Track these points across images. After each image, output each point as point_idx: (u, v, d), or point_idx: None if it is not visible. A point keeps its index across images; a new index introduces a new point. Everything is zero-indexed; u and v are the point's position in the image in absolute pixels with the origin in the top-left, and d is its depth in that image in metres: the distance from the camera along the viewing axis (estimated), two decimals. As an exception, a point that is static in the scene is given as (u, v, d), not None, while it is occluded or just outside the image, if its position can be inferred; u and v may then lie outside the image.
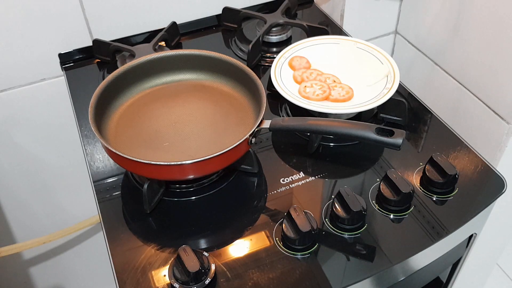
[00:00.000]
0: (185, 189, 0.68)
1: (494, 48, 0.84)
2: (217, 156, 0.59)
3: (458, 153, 0.72)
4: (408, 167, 0.70)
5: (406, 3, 1.05)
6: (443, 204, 0.65)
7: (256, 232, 0.62)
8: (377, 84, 0.77)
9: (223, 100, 0.75)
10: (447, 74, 0.98)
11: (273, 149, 0.74)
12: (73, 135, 1.01)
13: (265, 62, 0.91)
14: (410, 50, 1.08)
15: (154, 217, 0.65)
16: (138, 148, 0.67)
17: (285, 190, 0.67)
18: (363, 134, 0.60)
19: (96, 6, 0.89)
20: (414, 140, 0.75)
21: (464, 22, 0.89)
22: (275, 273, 0.57)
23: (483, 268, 1.19)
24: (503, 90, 0.84)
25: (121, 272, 0.58)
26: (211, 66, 0.77)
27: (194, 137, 0.69)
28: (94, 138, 0.77)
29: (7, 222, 1.11)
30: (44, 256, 1.23)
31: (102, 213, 0.66)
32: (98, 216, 0.66)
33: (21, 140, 0.99)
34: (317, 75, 0.80)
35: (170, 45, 0.94)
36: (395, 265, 0.60)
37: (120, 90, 0.74)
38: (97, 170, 0.72)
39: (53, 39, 0.89)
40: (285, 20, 0.95)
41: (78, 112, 0.81)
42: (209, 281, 0.55)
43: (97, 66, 0.92)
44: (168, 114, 0.73)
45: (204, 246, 0.61)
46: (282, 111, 0.80)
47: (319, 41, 0.85)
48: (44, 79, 0.93)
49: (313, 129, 0.63)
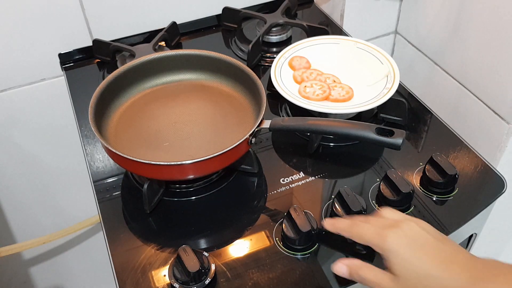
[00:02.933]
0: (185, 189, 0.68)
1: (494, 48, 0.84)
2: (217, 156, 0.59)
3: (458, 153, 0.72)
4: (408, 167, 0.70)
5: (406, 3, 1.05)
6: (443, 204, 0.65)
7: (256, 232, 0.62)
8: (377, 84, 0.77)
9: (223, 100, 0.75)
10: (447, 74, 0.97)
11: (273, 149, 0.74)
12: (73, 135, 1.01)
13: (265, 62, 0.91)
14: (410, 50, 1.08)
15: (154, 217, 0.65)
16: (138, 148, 0.67)
17: (285, 190, 0.67)
18: (363, 134, 0.60)
19: (96, 6, 0.89)
20: (414, 140, 0.75)
21: (464, 22, 0.89)
22: (275, 273, 0.57)
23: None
24: (503, 90, 0.84)
25: (121, 272, 0.58)
26: (211, 66, 0.77)
27: (194, 137, 0.69)
28: (94, 138, 0.77)
29: (7, 222, 1.11)
30: (44, 256, 1.23)
31: (102, 213, 0.66)
32: (98, 216, 0.66)
33: (21, 140, 0.99)
34: (317, 75, 0.80)
35: (170, 45, 0.94)
36: (395, 265, 0.59)
37: (120, 90, 0.74)
38: (97, 170, 0.72)
39: (53, 39, 0.89)
40: (285, 20, 0.95)
41: (78, 112, 0.81)
42: (209, 281, 0.55)
43: (97, 66, 0.92)
44: (168, 114, 0.73)
45: (204, 246, 0.61)
46: (282, 111, 0.80)
47: (319, 41, 0.85)
48: (44, 79, 0.93)
49: (313, 129, 0.63)
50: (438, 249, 0.48)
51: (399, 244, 0.48)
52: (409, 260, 0.47)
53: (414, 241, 0.48)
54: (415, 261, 0.47)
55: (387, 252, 0.48)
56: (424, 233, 0.49)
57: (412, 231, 0.49)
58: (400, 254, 0.48)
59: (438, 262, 0.47)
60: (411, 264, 0.47)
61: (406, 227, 0.49)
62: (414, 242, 0.48)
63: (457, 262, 0.47)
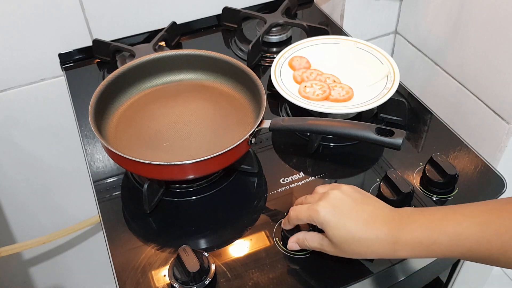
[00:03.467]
0: (185, 189, 0.68)
1: (494, 48, 0.84)
2: (217, 156, 0.59)
3: (458, 153, 0.72)
4: (408, 167, 0.70)
5: (406, 3, 1.05)
6: (443, 204, 0.65)
7: (256, 232, 0.62)
8: (377, 84, 0.77)
9: (223, 100, 0.75)
10: (447, 74, 0.98)
11: (273, 149, 0.74)
12: (73, 135, 1.01)
13: (265, 62, 0.91)
14: (410, 50, 1.08)
15: (154, 217, 0.65)
16: (138, 148, 0.67)
17: (285, 190, 0.67)
18: (363, 134, 0.60)
19: (96, 6, 0.89)
20: (414, 140, 0.75)
21: (464, 22, 0.89)
22: (275, 273, 0.57)
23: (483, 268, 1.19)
24: (503, 90, 0.84)
25: (121, 272, 0.58)
26: (211, 66, 0.77)
27: (194, 137, 0.69)
28: (94, 138, 0.77)
29: (7, 222, 1.11)
30: (44, 256, 1.23)
31: (102, 213, 0.66)
32: (98, 216, 0.66)
33: (21, 140, 0.99)
34: (317, 75, 0.80)
35: (170, 45, 0.94)
36: (395, 265, 0.60)
37: (120, 90, 0.74)
38: (97, 170, 0.72)
39: (53, 39, 0.89)
40: (285, 20, 0.95)
41: (78, 112, 0.81)
42: (209, 281, 0.55)
43: (97, 66, 0.92)
44: (168, 114, 0.73)
45: (204, 246, 0.61)
46: (282, 111, 0.80)
47: (319, 41, 0.85)
48: (44, 79, 0.93)
49: (313, 129, 0.63)
50: (359, 211, 0.52)
51: (327, 213, 0.52)
52: (336, 228, 0.51)
53: (337, 208, 0.52)
54: (341, 227, 0.51)
55: (321, 224, 0.52)
56: (346, 198, 0.53)
57: (336, 199, 0.52)
58: (330, 223, 0.51)
59: (360, 224, 0.51)
60: (339, 231, 0.51)
61: (331, 196, 0.53)
62: (338, 209, 0.52)
63: (377, 220, 0.51)
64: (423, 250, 0.49)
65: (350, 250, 0.51)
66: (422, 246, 0.49)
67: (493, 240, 0.46)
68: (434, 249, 0.48)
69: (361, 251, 0.51)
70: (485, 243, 0.46)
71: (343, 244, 0.51)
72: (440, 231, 0.48)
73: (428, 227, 0.49)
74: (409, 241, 0.49)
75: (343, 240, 0.51)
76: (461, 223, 0.47)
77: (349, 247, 0.51)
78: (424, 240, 0.48)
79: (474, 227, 0.47)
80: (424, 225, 0.49)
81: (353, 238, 0.50)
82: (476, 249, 0.47)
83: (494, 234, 0.46)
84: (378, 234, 0.50)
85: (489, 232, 0.46)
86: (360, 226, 0.50)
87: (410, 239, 0.49)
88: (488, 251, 0.46)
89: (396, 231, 0.49)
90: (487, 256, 0.47)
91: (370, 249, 0.50)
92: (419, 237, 0.48)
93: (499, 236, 0.45)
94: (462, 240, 0.47)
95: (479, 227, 0.47)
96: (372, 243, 0.50)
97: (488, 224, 0.46)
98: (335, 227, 0.51)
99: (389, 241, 0.49)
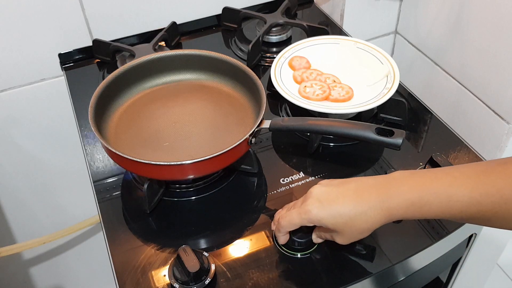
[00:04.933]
0: (185, 189, 0.68)
1: (494, 48, 0.84)
2: (217, 156, 0.59)
3: (458, 153, 0.72)
4: (408, 167, 0.70)
5: (406, 3, 1.05)
6: (443, 204, 0.65)
7: (256, 232, 0.62)
8: (377, 84, 0.77)
9: (223, 100, 0.75)
10: (447, 74, 0.98)
11: (273, 149, 0.74)
12: (73, 135, 1.01)
13: (265, 62, 0.91)
14: (410, 50, 1.08)
15: (154, 217, 0.65)
16: (138, 148, 0.67)
17: (285, 190, 0.67)
18: (363, 134, 0.60)
19: (96, 6, 0.89)
20: (414, 140, 0.75)
21: (464, 22, 0.89)
22: (275, 273, 0.57)
23: (483, 268, 1.19)
24: (503, 90, 0.84)
25: (121, 272, 0.58)
26: (211, 66, 0.77)
27: (194, 137, 0.69)
28: (94, 138, 0.77)
29: (7, 222, 1.11)
30: (44, 256, 1.23)
31: (102, 213, 0.66)
32: (98, 216, 0.66)
33: (21, 140, 0.99)
34: (317, 75, 0.80)
35: (170, 45, 0.94)
36: (395, 265, 0.60)
37: (120, 90, 0.74)
38: (97, 170, 0.72)
39: (53, 39, 0.89)
40: (285, 20, 0.95)
41: (78, 112, 0.81)
42: (209, 281, 0.55)
43: (97, 66, 0.92)
44: (168, 114, 0.73)
45: (204, 246, 0.61)
46: (282, 111, 0.80)
47: (319, 41, 0.85)
48: (44, 79, 0.93)
49: (313, 129, 0.63)
50: (344, 192, 0.52)
51: (318, 209, 0.52)
52: (332, 217, 0.52)
53: (324, 200, 0.53)
54: (336, 215, 0.51)
55: (318, 222, 0.53)
56: (327, 188, 0.54)
57: (319, 193, 0.53)
58: (324, 216, 0.52)
59: (350, 203, 0.51)
60: (335, 219, 0.52)
61: (314, 193, 0.54)
62: (325, 200, 0.52)
63: (364, 192, 0.52)
64: (416, 212, 0.49)
65: (354, 232, 0.52)
66: (414, 208, 0.49)
67: (484, 201, 0.46)
68: (426, 210, 0.49)
69: (364, 227, 0.51)
70: (476, 204, 0.47)
71: (345, 229, 0.52)
72: (431, 192, 0.49)
73: (418, 189, 0.49)
74: (401, 204, 0.49)
75: (343, 226, 0.52)
76: (452, 185, 0.48)
77: (351, 229, 0.52)
78: (416, 201, 0.49)
79: (465, 188, 0.47)
80: (414, 187, 0.49)
81: (350, 219, 0.51)
82: (467, 210, 0.47)
83: (485, 195, 0.46)
84: (370, 204, 0.50)
85: (479, 193, 0.46)
86: (351, 205, 0.51)
87: (402, 201, 0.49)
88: (480, 212, 0.47)
89: (386, 196, 0.50)
90: (479, 217, 0.47)
91: (369, 221, 0.51)
92: (410, 199, 0.49)
93: (489, 197, 0.46)
94: (453, 202, 0.48)
95: (470, 188, 0.47)
96: (368, 214, 0.51)
97: (478, 185, 0.47)
98: (330, 217, 0.52)
99: (382, 207, 0.50)
